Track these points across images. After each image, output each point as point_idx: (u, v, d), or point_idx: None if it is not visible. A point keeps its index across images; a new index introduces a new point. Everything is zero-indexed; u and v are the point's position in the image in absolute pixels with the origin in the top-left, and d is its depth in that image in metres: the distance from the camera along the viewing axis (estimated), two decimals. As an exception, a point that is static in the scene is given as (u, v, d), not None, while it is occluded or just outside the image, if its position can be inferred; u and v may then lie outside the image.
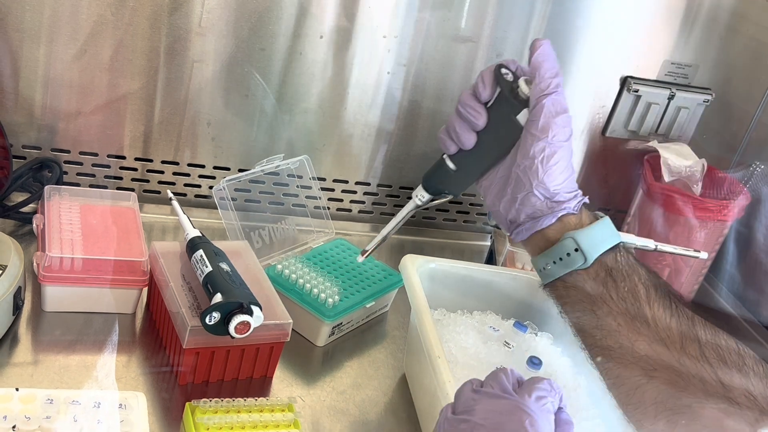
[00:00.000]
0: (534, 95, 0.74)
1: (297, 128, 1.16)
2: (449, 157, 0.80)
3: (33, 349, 0.86)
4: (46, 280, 0.88)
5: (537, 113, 0.73)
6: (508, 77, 0.76)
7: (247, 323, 0.81)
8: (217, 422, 0.77)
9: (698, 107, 1.27)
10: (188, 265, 0.90)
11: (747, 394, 0.66)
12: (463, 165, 0.79)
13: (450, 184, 0.81)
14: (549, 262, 0.75)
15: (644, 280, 0.72)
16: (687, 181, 1.19)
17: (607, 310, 0.72)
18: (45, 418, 0.74)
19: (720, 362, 0.67)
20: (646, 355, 0.69)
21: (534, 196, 0.74)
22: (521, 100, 0.75)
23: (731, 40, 1.25)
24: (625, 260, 0.74)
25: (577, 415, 0.86)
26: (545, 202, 0.75)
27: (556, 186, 0.74)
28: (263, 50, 1.09)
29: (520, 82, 0.76)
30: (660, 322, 0.70)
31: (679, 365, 0.68)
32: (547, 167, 0.73)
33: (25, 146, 1.08)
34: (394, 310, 1.07)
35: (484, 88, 0.76)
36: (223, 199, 0.99)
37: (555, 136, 0.73)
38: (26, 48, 1.02)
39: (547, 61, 0.75)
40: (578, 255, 0.73)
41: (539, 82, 0.74)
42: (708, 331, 0.69)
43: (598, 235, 0.74)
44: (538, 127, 0.73)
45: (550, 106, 0.73)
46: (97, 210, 0.99)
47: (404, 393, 0.93)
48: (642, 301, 0.71)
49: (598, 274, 0.73)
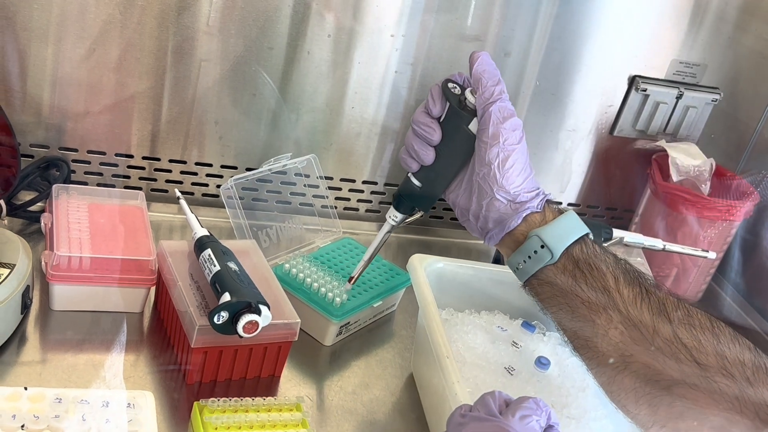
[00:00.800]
0: (479, 105, 0.77)
1: (304, 127, 1.16)
2: (413, 175, 0.83)
3: (41, 348, 0.86)
4: (54, 279, 0.88)
5: (486, 122, 0.76)
6: (455, 91, 0.79)
7: (256, 323, 0.81)
8: (225, 422, 0.77)
9: (706, 107, 1.27)
10: (196, 264, 0.90)
11: (724, 371, 0.66)
12: (427, 180, 0.82)
13: (418, 200, 0.84)
14: (520, 261, 0.77)
15: (612, 269, 0.73)
16: (695, 180, 1.19)
17: (579, 301, 0.74)
18: (54, 418, 0.74)
19: (695, 342, 0.68)
20: (620, 342, 0.70)
21: (497, 201, 0.77)
22: (470, 111, 0.78)
23: (739, 40, 1.24)
24: (592, 251, 0.75)
25: (585, 416, 0.86)
26: (508, 204, 0.77)
27: (516, 188, 0.77)
28: (271, 49, 1.09)
29: (467, 94, 0.79)
30: (631, 308, 0.71)
31: (653, 349, 0.69)
32: (504, 171, 0.76)
33: (33, 145, 1.08)
34: (402, 310, 1.07)
35: (434, 104, 0.79)
36: (231, 198, 0.99)
37: (506, 140, 0.76)
38: (34, 47, 1.02)
39: (487, 71, 0.77)
40: (545, 251, 0.75)
41: (483, 92, 0.77)
42: (681, 312, 0.70)
43: (561, 229, 0.76)
44: (489, 135, 0.76)
45: (497, 113, 0.76)
46: (105, 209, 0.99)
47: (412, 393, 0.93)
48: (611, 290, 0.72)
49: (566, 267, 0.74)
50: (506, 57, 1.18)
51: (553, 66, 1.20)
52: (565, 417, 0.86)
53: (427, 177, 0.81)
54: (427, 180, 0.82)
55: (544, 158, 1.28)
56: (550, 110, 1.24)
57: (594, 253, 0.75)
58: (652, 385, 0.69)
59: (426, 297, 0.88)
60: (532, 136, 1.25)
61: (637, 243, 1.03)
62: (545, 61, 1.19)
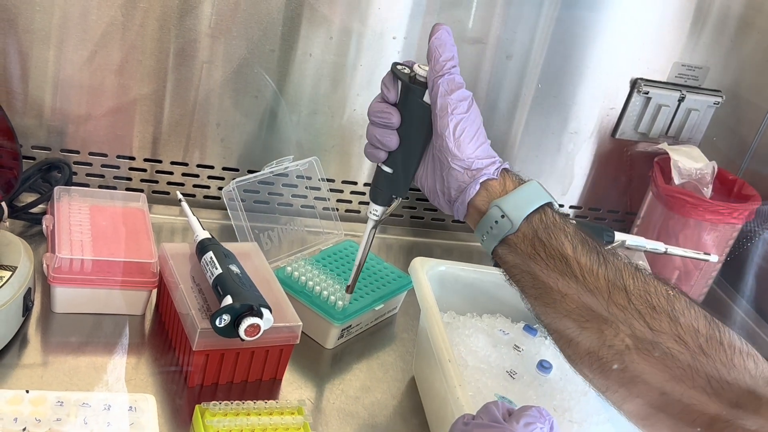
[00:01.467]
0: (430, 78, 0.79)
1: (306, 129, 1.16)
2: (384, 163, 0.84)
3: (43, 350, 0.86)
4: (56, 282, 0.88)
5: (435, 94, 0.78)
6: (405, 70, 0.81)
7: (257, 326, 0.81)
8: (226, 425, 0.77)
9: (708, 109, 1.26)
10: (198, 267, 0.90)
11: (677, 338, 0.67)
12: (397, 164, 0.83)
13: (393, 187, 0.84)
14: (484, 232, 0.78)
15: (571, 237, 0.74)
16: (697, 183, 1.19)
17: (538, 269, 0.75)
18: (55, 421, 0.74)
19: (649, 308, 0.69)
20: (576, 308, 0.72)
21: (454, 170, 0.78)
22: (421, 83, 0.80)
23: (741, 42, 1.24)
24: (551, 219, 0.76)
25: (587, 420, 0.86)
26: (465, 173, 0.78)
27: (469, 155, 0.78)
28: (273, 51, 1.09)
29: (416, 68, 0.80)
30: (588, 275, 0.72)
31: (608, 314, 0.70)
32: (456, 140, 0.78)
33: (34, 147, 1.08)
34: (403, 313, 1.07)
35: (388, 89, 0.81)
36: (233, 201, 0.99)
37: (455, 110, 0.77)
38: (36, 49, 1.02)
39: (442, 45, 0.79)
40: (505, 221, 0.76)
41: (434, 65, 0.78)
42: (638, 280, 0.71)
43: (520, 198, 0.77)
44: (438, 107, 0.78)
45: (444, 85, 0.78)
46: (107, 211, 0.99)
47: (413, 396, 0.93)
48: (569, 258, 0.73)
49: (525, 236, 0.75)
50: (508, 60, 1.18)
51: (554, 68, 1.20)
52: (567, 421, 0.86)
53: (396, 160, 0.82)
54: (396, 163, 0.83)
55: (546, 161, 1.28)
56: (552, 113, 1.24)
57: (553, 221, 0.75)
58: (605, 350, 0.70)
59: (428, 300, 0.88)
60: (534, 138, 1.25)
61: (639, 246, 1.03)
62: (547, 63, 1.19)
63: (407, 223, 1.28)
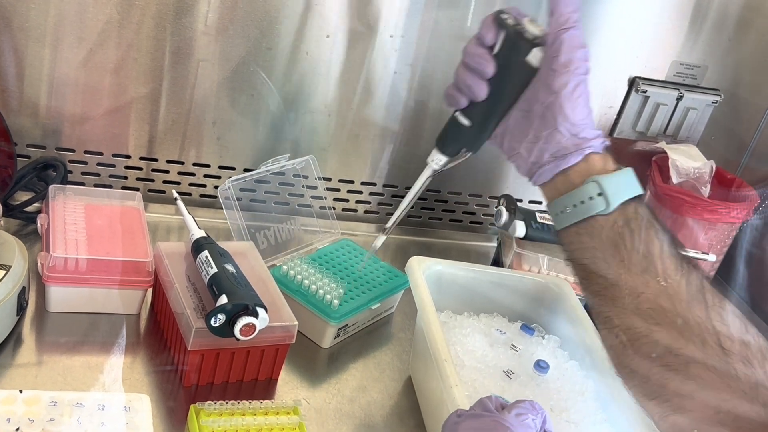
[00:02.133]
0: (553, 29, 0.72)
1: (302, 128, 1.16)
2: (461, 113, 0.78)
3: (37, 350, 0.86)
4: (51, 281, 0.88)
5: (557, 48, 0.72)
6: (509, 21, 0.74)
7: (253, 325, 0.81)
8: (222, 425, 0.76)
9: (707, 108, 1.26)
10: (193, 266, 0.89)
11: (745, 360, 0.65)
12: (477, 118, 0.77)
13: (467, 140, 0.79)
14: (569, 205, 0.72)
15: (660, 236, 0.70)
16: (695, 182, 1.19)
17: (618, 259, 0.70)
18: (49, 421, 0.73)
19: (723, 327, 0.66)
20: (650, 309, 0.68)
21: (559, 133, 0.72)
22: (528, 41, 0.74)
23: (740, 41, 1.24)
24: (645, 213, 0.71)
25: (584, 420, 0.85)
26: (571, 138, 0.72)
27: (582, 120, 0.72)
28: (269, 50, 1.09)
29: (525, 22, 0.74)
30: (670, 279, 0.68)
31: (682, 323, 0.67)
32: (572, 101, 0.72)
33: (29, 145, 1.08)
34: (400, 312, 1.07)
35: (487, 33, 0.74)
36: (229, 199, 0.98)
37: (577, 69, 0.72)
38: (31, 48, 1.01)
39: None
40: (600, 200, 0.71)
41: (558, 16, 0.72)
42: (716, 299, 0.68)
43: (622, 182, 0.72)
44: (560, 62, 0.71)
45: (569, 39, 0.71)
46: (102, 210, 0.98)
47: (410, 396, 0.92)
48: (655, 256, 0.69)
49: (615, 222, 0.70)
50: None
51: (552, 67, 1.19)
52: (564, 421, 0.85)
53: (478, 114, 0.76)
54: (477, 117, 0.76)
55: (543, 160, 1.27)
56: (550, 111, 1.23)
57: (647, 216, 0.71)
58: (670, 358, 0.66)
59: (424, 299, 0.87)
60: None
61: (637, 245, 1.02)
62: (545, 62, 1.19)
63: (404, 222, 1.28)
